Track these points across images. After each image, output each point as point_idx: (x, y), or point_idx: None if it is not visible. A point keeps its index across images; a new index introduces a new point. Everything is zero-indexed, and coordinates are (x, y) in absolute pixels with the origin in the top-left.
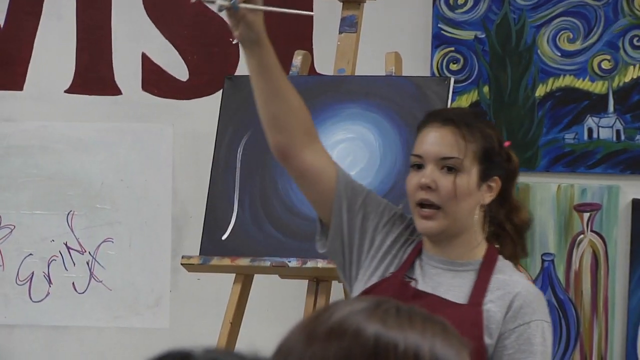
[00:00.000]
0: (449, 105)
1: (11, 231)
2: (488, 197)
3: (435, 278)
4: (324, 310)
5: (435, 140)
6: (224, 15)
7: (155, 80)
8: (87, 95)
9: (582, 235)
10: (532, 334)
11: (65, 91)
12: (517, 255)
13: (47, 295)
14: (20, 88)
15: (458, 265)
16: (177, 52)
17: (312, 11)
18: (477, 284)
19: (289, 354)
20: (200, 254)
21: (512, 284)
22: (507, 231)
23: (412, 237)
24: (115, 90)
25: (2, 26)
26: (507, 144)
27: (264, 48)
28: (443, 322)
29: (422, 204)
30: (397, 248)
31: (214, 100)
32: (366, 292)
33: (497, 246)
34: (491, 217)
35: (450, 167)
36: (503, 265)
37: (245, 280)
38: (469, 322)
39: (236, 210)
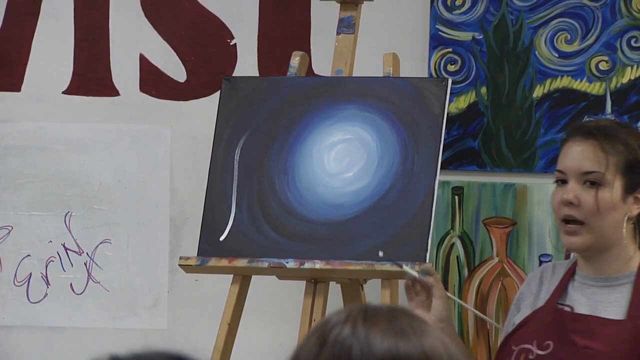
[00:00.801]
0: (446, 107)
1: (9, 232)
2: (635, 209)
3: (592, 297)
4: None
5: (576, 155)
6: (222, 16)
7: (153, 81)
8: (85, 96)
9: None
10: None
11: (63, 92)
12: None
13: (45, 296)
14: (18, 89)
15: (613, 280)
16: (175, 53)
17: (310, 10)
18: (634, 297)
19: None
20: (198, 255)
21: None
22: None
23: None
24: (113, 91)
25: (0, 27)
26: None
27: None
28: (390, 312)
29: (566, 220)
30: (537, 288)
31: (211, 102)
32: (520, 326)
33: None
34: None
35: (592, 181)
36: None
37: (243, 281)
38: (629, 338)
39: (234, 212)
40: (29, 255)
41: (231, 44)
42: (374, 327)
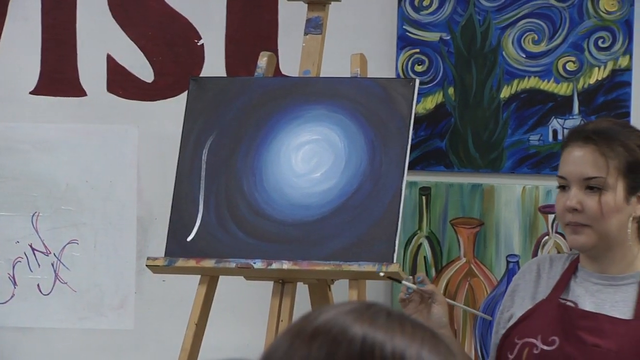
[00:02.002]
0: (413, 107)
1: None
2: (639, 209)
3: (598, 295)
4: (312, 311)
5: (576, 161)
6: (190, 17)
7: (121, 82)
8: (52, 97)
9: (547, 237)
10: None
11: (30, 92)
12: None
13: (12, 297)
14: None
15: (619, 279)
16: (142, 54)
17: (278, 10)
18: None
19: (274, 354)
20: (165, 256)
21: None
22: None
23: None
24: (80, 92)
25: None
26: None
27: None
28: (432, 329)
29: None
30: (534, 281)
31: (179, 102)
32: (523, 319)
33: None
34: None
35: (594, 186)
36: None
37: (210, 281)
38: (636, 338)
39: (201, 212)
40: None
41: (198, 44)
42: (406, 330)
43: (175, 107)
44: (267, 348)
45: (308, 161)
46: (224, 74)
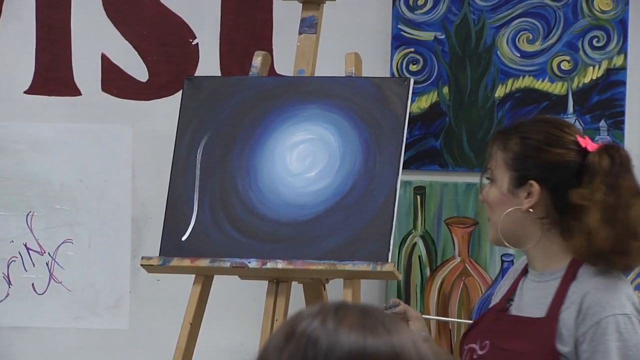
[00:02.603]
0: (408, 107)
1: None
2: (527, 203)
3: (530, 292)
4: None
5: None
6: (184, 16)
7: (115, 81)
8: (46, 96)
9: None
10: (603, 332)
11: (25, 92)
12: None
13: (6, 296)
14: None
15: (547, 276)
16: (136, 53)
17: (272, 10)
18: (556, 294)
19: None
20: (160, 255)
21: (586, 284)
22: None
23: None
24: (74, 91)
25: None
26: (594, 145)
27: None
28: (363, 308)
29: None
30: (510, 281)
31: (174, 101)
32: (474, 325)
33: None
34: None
35: (488, 178)
36: (586, 270)
37: (205, 281)
38: (542, 335)
39: (196, 211)
40: None
41: (193, 43)
42: (344, 321)
43: (169, 107)
44: (262, 347)
45: (302, 160)
46: (219, 74)
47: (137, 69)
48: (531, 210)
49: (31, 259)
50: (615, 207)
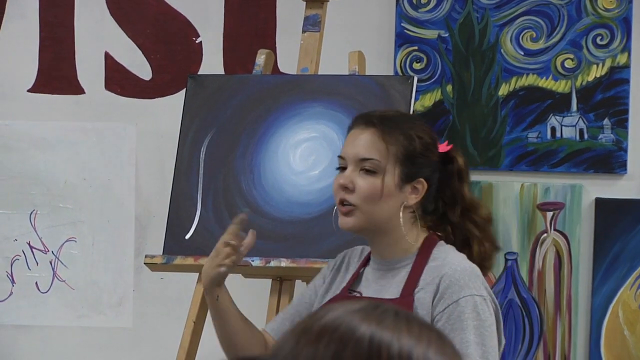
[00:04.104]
0: (411, 105)
1: None
2: (413, 199)
3: (379, 281)
4: (319, 310)
5: (356, 142)
6: (188, 15)
7: (118, 79)
8: (50, 95)
9: (545, 234)
10: (462, 310)
11: (28, 90)
12: (488, 253)
13: (10, 295)
14: None
15: (395, 262)
16: (140, 51)
17: (276, 8)
18: (410, 276)
19: (279, 352)
20: (163, 254)
21: (441, 267)
22: (471, 231)
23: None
24: (78, 90)
25: None
26: (445, 146)
27: (223, 290)
28: (439, 331)
29: (342, 203)
30: (343, 270)
31: (177, 99)
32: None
33: (438, 234)
34: (445, 218)
35: (368, 169)
36: (439, 251)
37: None
38: None
39: (199, 210)
40: None
41: (196, 42)
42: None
43: (173, 105)
44: (273, 345)
45: (306, 159)
46: (222, 72)
47: (140, 67)
48: (407, 205)
49: (35, 257)
50: (478, 204)
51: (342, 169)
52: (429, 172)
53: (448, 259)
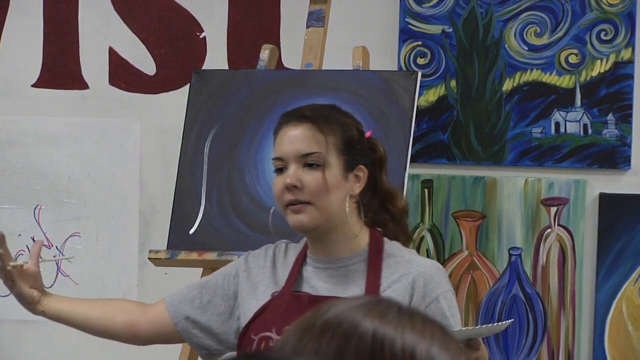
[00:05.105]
0: (415, 100)
1: None
2: (357, 187)
3: (330, 280)
4: (322, 306)
5: (292, 139)
6: (192, 10)
7: (123, 74)
8: (54, 90)
9: (549, 230)
10: (443, 306)
11: (32, 85)
12: (401, 243)
13: None
14: None
15: (346, 260)
16: (144, 46)
17: (280, 3)
18: (370, 274)
19: (284, 347)
20: (167, 248)
21: (406, 265)
22: (385, 220)
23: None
24: (82, 85)
25: None
26: (368, 134)
27: (44, 302)
28: (443, 326)
29: (291, 203)
30: (270, 269)
31: (181, 94)
32: (259, 314)
33: (379, 229)
34: (366, 207)
35: (312, 163)
36: (392, 247)
37: None
38: None
39: (203, 205)
40: None
41: (201, 37)
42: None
43: (177, 100)
44: (276, 342)
45: None
46: (226, 67)
47: (144, 62)
48: (353, 195)
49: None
50: (395, 194)
51: (280, 170)
52: (367, 159)
53: (408, 257)
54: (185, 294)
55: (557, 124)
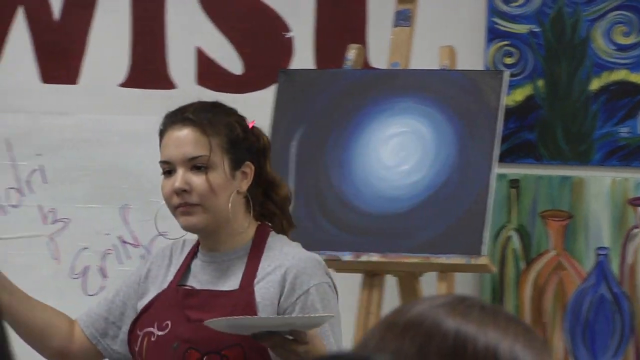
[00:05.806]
0: (502, 100)
1: (66, 225)
2: (245, 184)
3: (213, 273)
4: (405, 304)
5: (178, 143)
6: (278, 9)
7: (210, 74)
8: (141, 89)
9: (636, 229)
10: (314, 299)
11: (120, 85)
12: (285, 230)
13: (101, 289)
14: (75, 82)
15: (231, 254)
16: (231, 46)
17: (366, 3)
18: (248, 267)
19: (366, 346)
20: None
21: (281, 257)
22: (272, 211)
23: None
24: (169, 84)
25: (57, 19)
26: (251, 124)
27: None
28: (527, 324)
29: (181, 206)
30: (165, 267)
31: (268, 94)
32: (144, 310)
33: (269, 224)
34: (253, 200)
35: (199, 165)
36: (274, 241)
37: None
38: (241, 305)
39: (291, 204)
40: (86, 248)
41: (287, 36)
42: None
43: (264, 100)
44: (360, 339)
45: (396, 153)
46: (313, 67)
47: (231, 62)
48: (240, 191)
49: (127, 251)
50: (279, 183)
51: (168, 173)
52: (253, 153)
53: (286, 250)
54: (98, 312)
55: None
